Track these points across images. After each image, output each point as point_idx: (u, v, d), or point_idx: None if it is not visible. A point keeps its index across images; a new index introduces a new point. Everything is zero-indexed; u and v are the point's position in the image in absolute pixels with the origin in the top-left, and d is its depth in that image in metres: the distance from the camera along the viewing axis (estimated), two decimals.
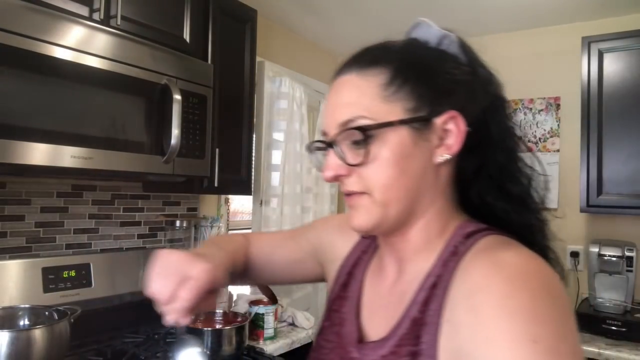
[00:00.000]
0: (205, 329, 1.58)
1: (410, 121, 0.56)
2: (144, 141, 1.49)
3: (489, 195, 0.61)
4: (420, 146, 0.56)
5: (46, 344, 1.17)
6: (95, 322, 1.60)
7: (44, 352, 1.15)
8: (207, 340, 1.53)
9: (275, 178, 2.52)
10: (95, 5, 1.41)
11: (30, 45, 1.19)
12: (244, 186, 2.02)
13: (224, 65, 1.88)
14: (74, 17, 1.33)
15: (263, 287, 1.81)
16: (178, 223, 2.05)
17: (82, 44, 1.31)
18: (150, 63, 1.49)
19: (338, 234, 0.79)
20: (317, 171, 0.66)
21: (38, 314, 1.33)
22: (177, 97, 1.51)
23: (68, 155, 1.28)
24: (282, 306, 2.03)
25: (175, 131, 1.50)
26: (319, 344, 0.70)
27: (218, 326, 1.66)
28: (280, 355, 1.79)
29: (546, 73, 2.68)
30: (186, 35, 1.71)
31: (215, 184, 1.78)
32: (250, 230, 2.57)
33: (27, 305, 1.37)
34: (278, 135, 2.54)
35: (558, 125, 2.64)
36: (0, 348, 1.08)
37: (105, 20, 1.44)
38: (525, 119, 2.73)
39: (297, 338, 1.93)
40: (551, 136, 2.66)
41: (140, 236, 1.96)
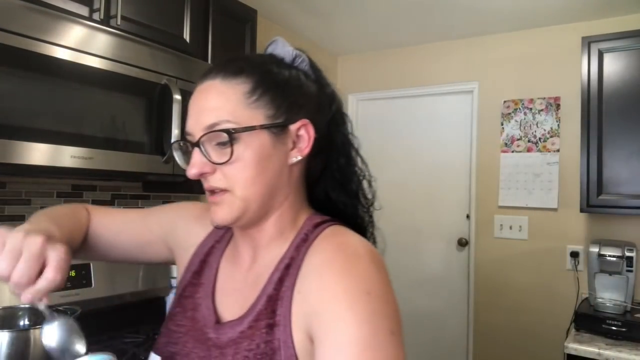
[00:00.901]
0: None
1: (269, 126, 0.64)
2: (144, 141, 1.49)
3: (332, 191, 0.72)
4: (277, 149, 0.65)
5: None
6: (95, 322, 1.60)
7: (44, 352, 1.15)
8: None
9: None
10: (95, 5, 1.41)
11: (30, 45, 1.19)
12: None
13: None
14: (74, 17, 1.33)
15: None
16: None
17: (82, 44, 1.31)
18: (150, 63, 1.49)
19: (194, 221, 0.82)
20: (182, 168, 0.70)
21: (38, 314, 1.33)
22: (177, 97, 1.51)
23: (68, 155, 1.28)
24: None
25: (176, 131, 1.50)
26: (170, 329, 0.73)
27: None
28: None
29: (546, 73, 2.68)
30: (186, 35, 1.71)
31: None
32: None
33: (27, 305, 1.36)
34: None
35: (558, 125, 2.64)
36: (0, 348, 1.08)
37: (105, 20, 1.44)
38: (525, 119, 2.73)
39: None
40: (551, 136, 2.66)
41: None
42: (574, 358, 1.86)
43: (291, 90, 0.66)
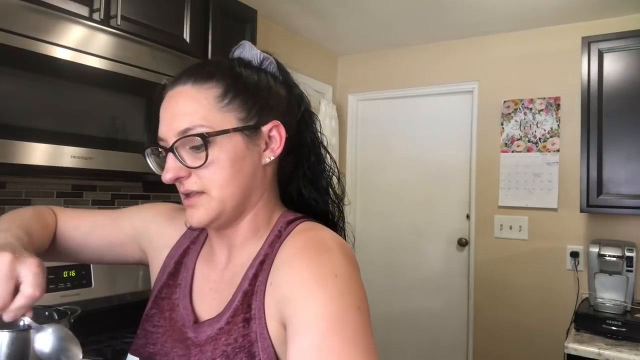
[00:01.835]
0: None
1: (242, 129, 0.65)
2: (144, 141, 1.49)
3: (304, 189, 0.74)
4: (251, 150, 0.66)
5: None
6: (95, 322, 1.60)
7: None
8: None
9: None
10: (95, 5, 1.41)
11: (30, 45, 1.19)
12: None
13: None
14: (74, 17, 1.33)
15: None
16: None
17: (82, 44, 1.31)
18: (150, 63, 1.49)
19: (167, 222, 0.83)
20: (157, 173, 0.70)
21: (38, 314, 1.33)
22: None
23: (68, 155, 1.28)
24: None
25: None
26: (147, 330, 0.73)
27: None
28: None
29: (546, 73, 2.68)
30: (186, 35, 1.71)
31: None
32: None
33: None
34: None
35: (558, 125, 2.64)
36: (0, 348, 1.08)
37: (105, 20, 1.44)
38: (525, 119, 2.73)
39: None
40: (551, 136, 2.66)
41: None
42: (574, 358, 1.86)
43: (261, 92, 0.68)
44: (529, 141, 2.72)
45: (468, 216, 2.93)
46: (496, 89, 2.83)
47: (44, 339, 0.63)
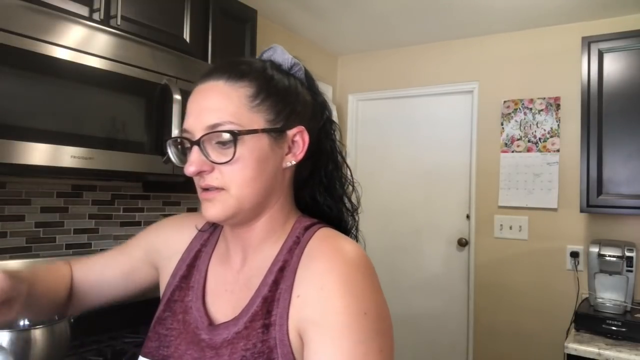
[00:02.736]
0: None
1: (270, 131, 0.66)
2: (144, 141, 1.49)
3: (319, 195, 0.75)
4: (274, 152, 0.67)
5: (46, 344, 1.16)
6: (95, 322, 1.60)
7: (44, 352, 1.15)
8: None
9: None
10: (95, 5, 1.41)
11: (30, 45, 1.19)
12: None
13: None
14: (74, 17, 1.33)
15: None
16: None
17: (82, 44, 1.31)
18: (150, 63, 1.49)
19: (172, 230, 0.84)
20: (177, 165, 0.71)
21: None
22: (177, 97, 1.51)
23: (68, 155, 1.28)
24: None
25: (175, 131, 1.50)
26: (160, 333, 0.73)
27: None
28: None
29: (546, 73, 2.68)
30: (186, 35, 1.71)
31: None
32: None
33: None
34: None
35: (558, 125, 2.64)
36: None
37: (105, 20, 1.44)
38: (525, 119, 2.73)
39: None
40: (551, 136, 2.66)
41: None
42: (574, 358, 1.86)
43: (290, 97, 0.69)
44: (529, 141, 2.72)
45: (468, 216, 2.93)
46: (496, 89, 2.83)
47: None
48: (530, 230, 2.69)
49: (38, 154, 1.21)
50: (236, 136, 0.63)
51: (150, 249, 0.84)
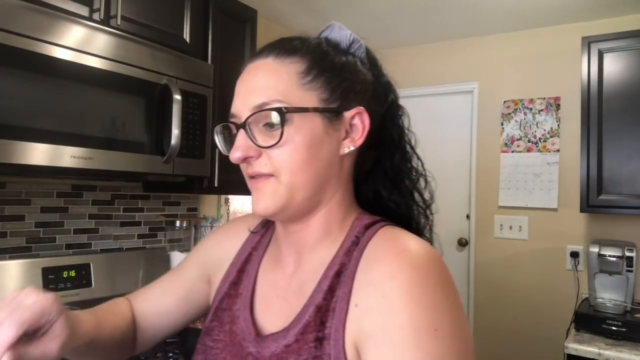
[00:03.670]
0: None
1: (323, 110, 0.58)
2: (144, 141, 1.49)
3: (384, 189, 0.66)
4: (329, 136, 0.59)
5: None
6: None
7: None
8: None
9: None
10: (95, 5, 1.41)
11: (30, 45, 1.19)
12: (244, 186, 2.00)
13: (224, 65, 1.87)
14: (74, 17, 1.33)
15: None
16: (178, 223, 2.05)
17: (82, 44, 1.31)
18: (150, 63, 1.49)
19: (222, 237, 0.79)
20: (223, 153, 0.65)
21: None
22: (177, 97, 1.51)
23: (68, 155, 1.28)
24: None
25: (175, 131, 1.50)
26: (206, 345, 0.67)
27: None
28: None
29: (546, 73, 2.68)
30: (186, 35, 1.71)
31: (215, 184, 1.78)
32: None
33: None
34: None
35: (558, 125, 2.64)
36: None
37: (105, 20, 1.44)
38: (525, 119, 2.73)
39: None
40: (551, 136, 2.66)
41: (140, 236, 1.96)
42: (574, 358, 1.86)
43: (347, 74, 0.61)
44: (529, 141, 2.72)
45: (468, 216, 2.93)
46: (496, 89, 2.83)
47: None
48: (530, 230, 2.69)
49: (38, 154, 1.21)
50: (284, 115, 0.56)
51: (204, 262, 0.78)
